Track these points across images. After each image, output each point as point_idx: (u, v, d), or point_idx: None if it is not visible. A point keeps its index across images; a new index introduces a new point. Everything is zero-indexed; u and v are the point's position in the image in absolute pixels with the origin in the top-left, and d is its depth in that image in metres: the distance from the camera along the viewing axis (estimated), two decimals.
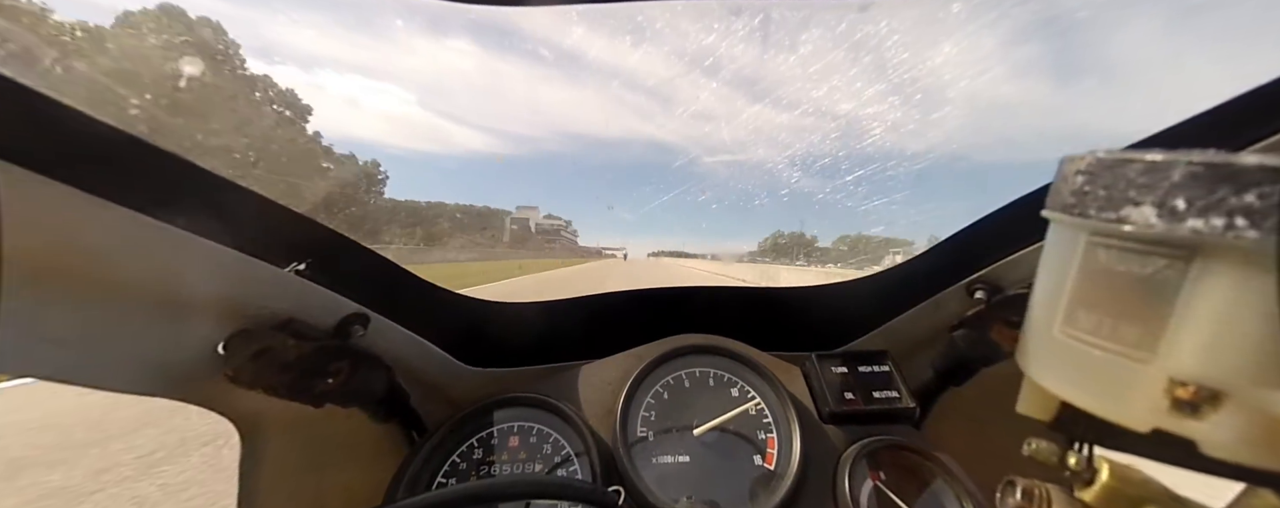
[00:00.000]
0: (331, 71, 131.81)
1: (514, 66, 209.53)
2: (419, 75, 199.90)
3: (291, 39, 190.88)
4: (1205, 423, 0.22)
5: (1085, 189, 0.26)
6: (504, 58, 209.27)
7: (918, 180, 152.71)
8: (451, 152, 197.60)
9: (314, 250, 0.61)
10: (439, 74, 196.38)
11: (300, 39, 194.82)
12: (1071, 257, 0.27)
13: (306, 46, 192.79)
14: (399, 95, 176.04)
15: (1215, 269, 0.21)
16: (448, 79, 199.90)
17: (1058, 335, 0.28)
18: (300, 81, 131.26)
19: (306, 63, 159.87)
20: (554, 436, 0.75)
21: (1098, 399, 0.26)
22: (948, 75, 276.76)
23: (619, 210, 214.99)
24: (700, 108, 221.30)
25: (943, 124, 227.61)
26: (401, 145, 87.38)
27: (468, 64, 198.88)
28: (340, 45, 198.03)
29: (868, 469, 0.70)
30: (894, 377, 0.80)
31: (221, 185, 0.56)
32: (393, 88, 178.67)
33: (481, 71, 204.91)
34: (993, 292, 0.69)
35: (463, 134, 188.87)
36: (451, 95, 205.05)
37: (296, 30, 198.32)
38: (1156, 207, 0.22)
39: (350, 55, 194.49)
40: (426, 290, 0.82)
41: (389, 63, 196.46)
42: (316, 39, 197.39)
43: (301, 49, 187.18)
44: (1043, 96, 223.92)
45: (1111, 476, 0.32)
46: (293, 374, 0.55)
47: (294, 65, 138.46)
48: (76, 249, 0.41)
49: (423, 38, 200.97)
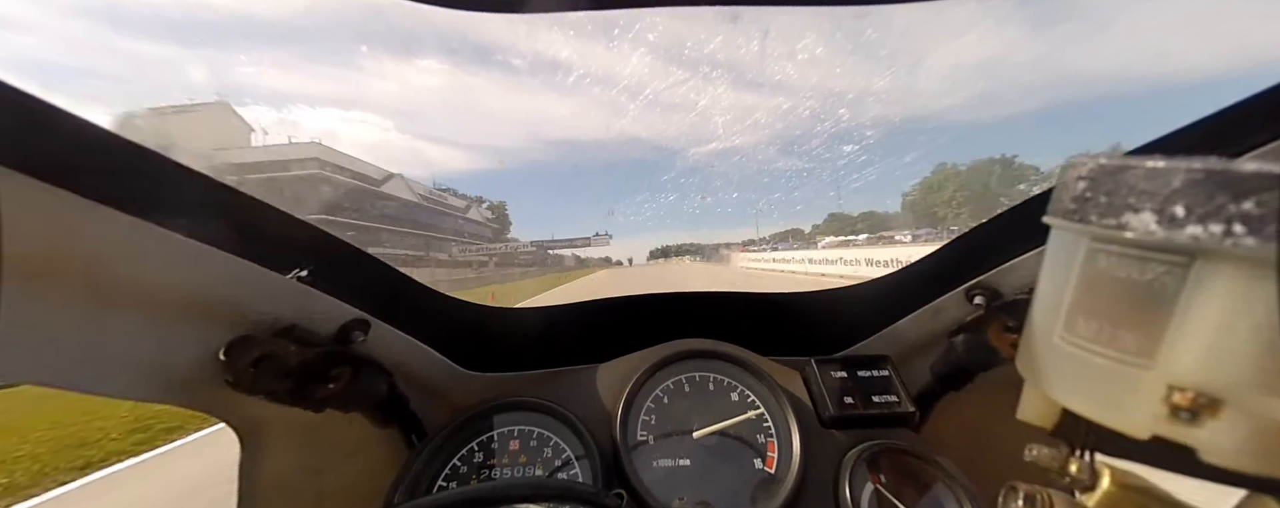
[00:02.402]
0: (304, 107, 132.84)
1: (486, 79, 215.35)
2: (393, 100, 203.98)
3: (257, 79, 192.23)
4: (1204, 430, 0.22)
5: (1087, 195, 0.26)
6: (474, 72, 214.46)
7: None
8: (433, 173, 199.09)
9: (315, 257, 0.61)
10: (412, 96, 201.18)
11: (266, 78, 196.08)
12: (1072, 263, 0.27)
13: (274, 84, 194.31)
14: (376, 122, 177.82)
15: (1214, 276, 0.21)
16: (422, 99, 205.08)
17: (1058, 342, 0.28)
18: (273, 119, 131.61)
19: (277, 101, 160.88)
20: (554, 439, 0.75)
21: (1097, 406, 0.26)
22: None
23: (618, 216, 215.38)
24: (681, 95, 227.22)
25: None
26: (386, 170, 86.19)
27: (439, 82, 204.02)
28: (308, 79, 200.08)
29: (868, 473, 0.70)
30: (894, 381, 0.80)
31: (222, 191, 0.56)
32: (369, 116, 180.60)
33: (455, 88, 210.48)
34: (992, 297, 0.69)
35: (444, 154, 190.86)
36: (427, 116, 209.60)
37: (260, 70, 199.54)
38: (1156, 213, 0.22)
39: (320, 88, 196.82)
40: (427, 296, 0.82)
41: (361, 91, 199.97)
42: (283, 76, 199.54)
43: (269, 87, 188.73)
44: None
45: (1113, 482, 0.32)
46: (294, 380, 0.55)
47: (265, 105, 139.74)
48: (76, 255, 0.41)
49: (391, 61, 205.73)
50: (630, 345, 0.87)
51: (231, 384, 0.52)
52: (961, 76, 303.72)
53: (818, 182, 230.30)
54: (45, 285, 0.40)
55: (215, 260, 0.49)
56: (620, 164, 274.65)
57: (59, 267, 0.40)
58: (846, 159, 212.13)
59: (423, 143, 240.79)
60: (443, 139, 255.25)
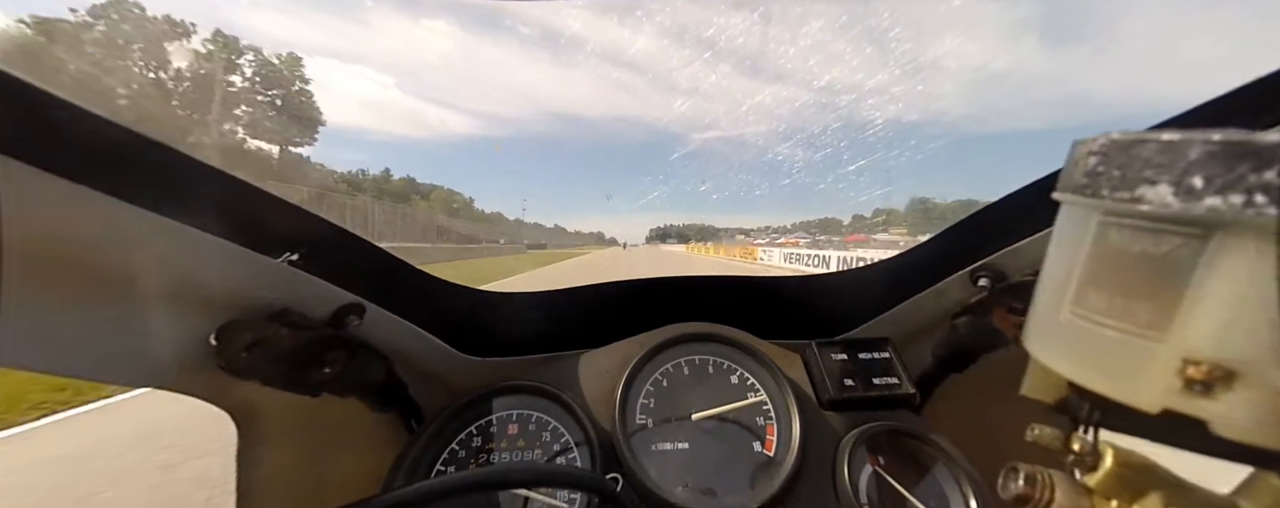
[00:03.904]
0: (304, 56, 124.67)
1: (494, 46, 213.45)
2: (396, 57, 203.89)
3: (256, 23, 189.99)
4: (1218, 403, 0.22)
5: (1099, 170, 0.25)
6: (482, 36, 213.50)
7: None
8: (435, 136, 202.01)
9: (307, 241, 0.60)
10: (417, 56, 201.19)
11: (265, 23, 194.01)
12: (1083, 238, 0.27)
13: (273, 31, 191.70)
14: (376, 78, 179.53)
15: (1233, 247, 0.21)
16: (426, 60, 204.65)
17: (1067, 316, 0.27)
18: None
19: (275, 47, 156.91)
20: (553, 424, 0.75)
21: (1108, 379, 0.25)
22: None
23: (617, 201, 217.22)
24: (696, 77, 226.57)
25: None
26: (384, 130, 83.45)
27: (447, 44, 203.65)
28: (309, 28, 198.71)
29: (867, 454, 0.70)
30: (894, 363, 0.80)
31: (213, 175, 0.55)
32: (368, 71, 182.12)
33: (460, 52, 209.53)
34: (997, 279, 0.69)
35: (449, 117, 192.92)
36: (431, 77, 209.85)
37: (259, 12, 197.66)
38: (1173, 185, 0.22)
39: (322, 40, 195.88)
40: (423, 280, 0.82)
41: (363, 46, 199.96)
42: (284, 23, 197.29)
43: (267, 33, 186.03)
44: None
45: (1116, 461, 0.32)
46: (288, 365, 0.54)
47: (265, 51, 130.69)
48: (67, 241, 0.41)
49: (398, 17, 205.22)
50: (630, 330, 0.87)
51: (225, 369, 0.51)
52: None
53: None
54: (34, 271, 0.39)
55: (205, 245, 0.48)
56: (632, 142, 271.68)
57: (47, 252, 0.40)
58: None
59: (423, 103, 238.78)
60: (444, 102, 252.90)
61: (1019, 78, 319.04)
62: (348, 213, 31.72)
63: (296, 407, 0.60)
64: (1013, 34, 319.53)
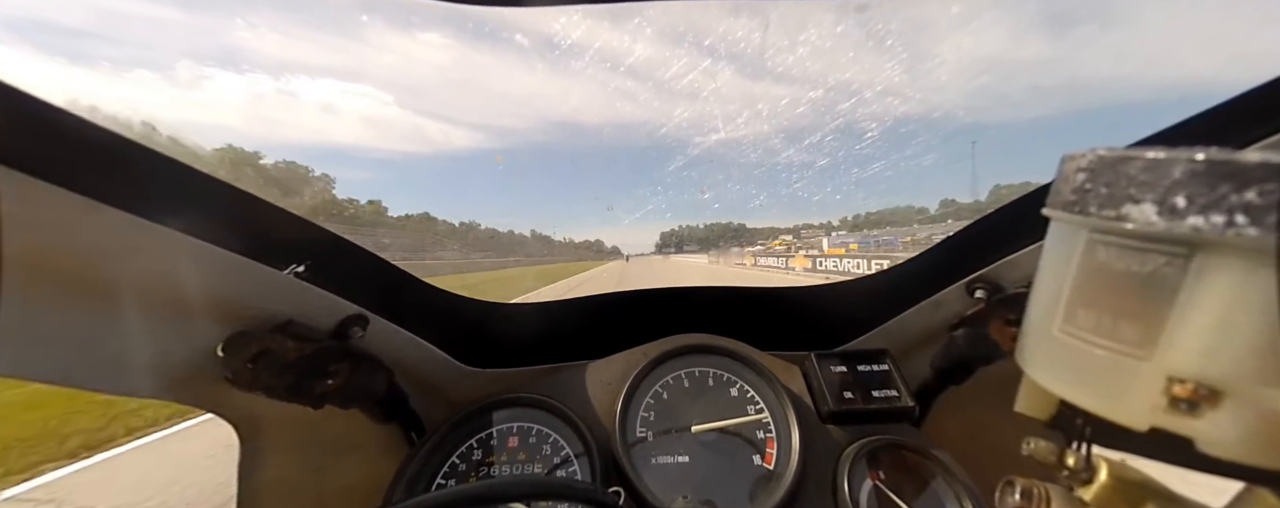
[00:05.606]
0: (304, 77, 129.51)
1: (490, 57, 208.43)
2: (394, 74, 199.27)
3: (255, 45, 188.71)
4: (1203, 421, 0.22)
5: (1086, 187, 0.26)
6: (479, 48, 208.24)
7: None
8: (436, 151, 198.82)
9: (313, 253, 0.61)
10: (414, 71, 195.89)
11: (264, 44, 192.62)
12: (1072, 255, 0.27)
13: (272, 51, 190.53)
14: (377, 96, 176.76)
15: (1215, 267, 0.21)
16: (424, 75, 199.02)
17: (1057, 334, 0.28)
18: (271, 89, 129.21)
19: (275, 69, 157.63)
20: (553, 436, 0.75)
21: (1096, 398, 0.26)
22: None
23: (618, 211, 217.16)
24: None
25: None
26: (386, 147, 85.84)
27: (443, 58, 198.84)
28: (308, 47, 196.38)
29: (867, 469, 0.70)
30: (893, 376, 0.80)
31: (219, 188, 0.55)
32: (369, 89, 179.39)
33: (458, 64, 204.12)
34: (993, 291, 0.69)
35: (449, 132, 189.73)
36: (429, 92, 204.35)
37: (257, 34, 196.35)
38: (1157, 204, 0.22)
39: (321, 59, 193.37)
40: (425, 291, 0.82)
41: (362, 63, 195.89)
42: (282, 43, 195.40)
43: (268, 54, 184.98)
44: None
45: (1110, 475, 0.32)
46: (292, 376, 0.55)
47: (263, 73, 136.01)
48: (73, 251, 0.41)
49: (393, 33, 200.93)
50: (630, 341, 0.87)
51: (230, 380, 0.51)
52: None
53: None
54: (42, 282, 0.40)
55: (212, 257, 0.48)
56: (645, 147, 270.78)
57: (55, 263, 0.40)
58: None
59: (423, 119, 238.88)
60: (444, 117, 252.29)
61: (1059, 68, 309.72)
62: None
63: (299, 418, 0.60)
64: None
